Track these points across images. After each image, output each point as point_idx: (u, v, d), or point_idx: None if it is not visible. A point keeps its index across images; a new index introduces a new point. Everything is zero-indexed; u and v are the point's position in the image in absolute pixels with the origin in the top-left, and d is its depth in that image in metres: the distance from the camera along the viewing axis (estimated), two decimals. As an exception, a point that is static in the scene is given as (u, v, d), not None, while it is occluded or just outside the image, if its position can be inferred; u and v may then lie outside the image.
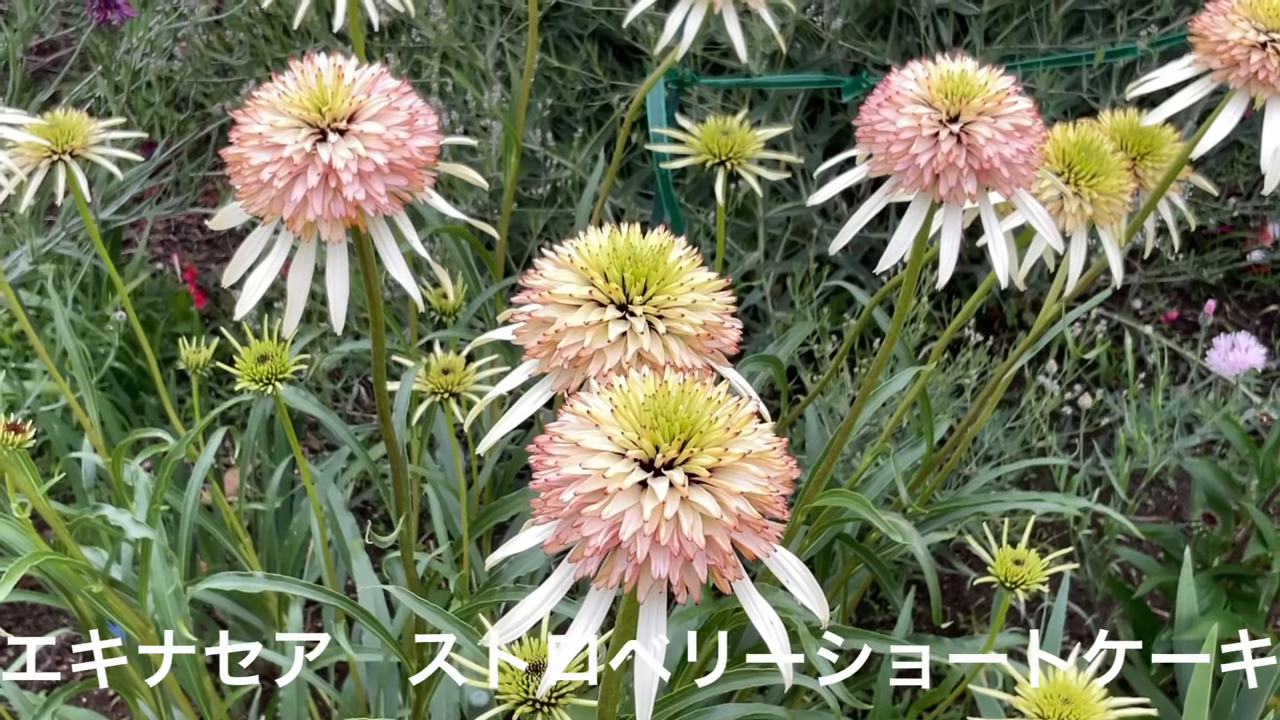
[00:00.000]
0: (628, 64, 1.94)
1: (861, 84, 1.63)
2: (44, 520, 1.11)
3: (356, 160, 0.80)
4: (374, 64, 0.85)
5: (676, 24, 1.19)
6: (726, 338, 0.71)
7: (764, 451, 0.62)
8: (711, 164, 1.23)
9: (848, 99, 1.67)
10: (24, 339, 2.17)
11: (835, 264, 1.98)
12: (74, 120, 1.24)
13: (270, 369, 1.11)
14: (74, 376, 1.72)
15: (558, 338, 0.69)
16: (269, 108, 0.81)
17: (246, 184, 0.81)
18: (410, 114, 0.82)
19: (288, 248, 0.83)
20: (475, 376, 1.20)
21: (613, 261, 0.70)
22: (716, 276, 0.71)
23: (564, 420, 0.64)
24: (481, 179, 0.89)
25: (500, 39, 1.66)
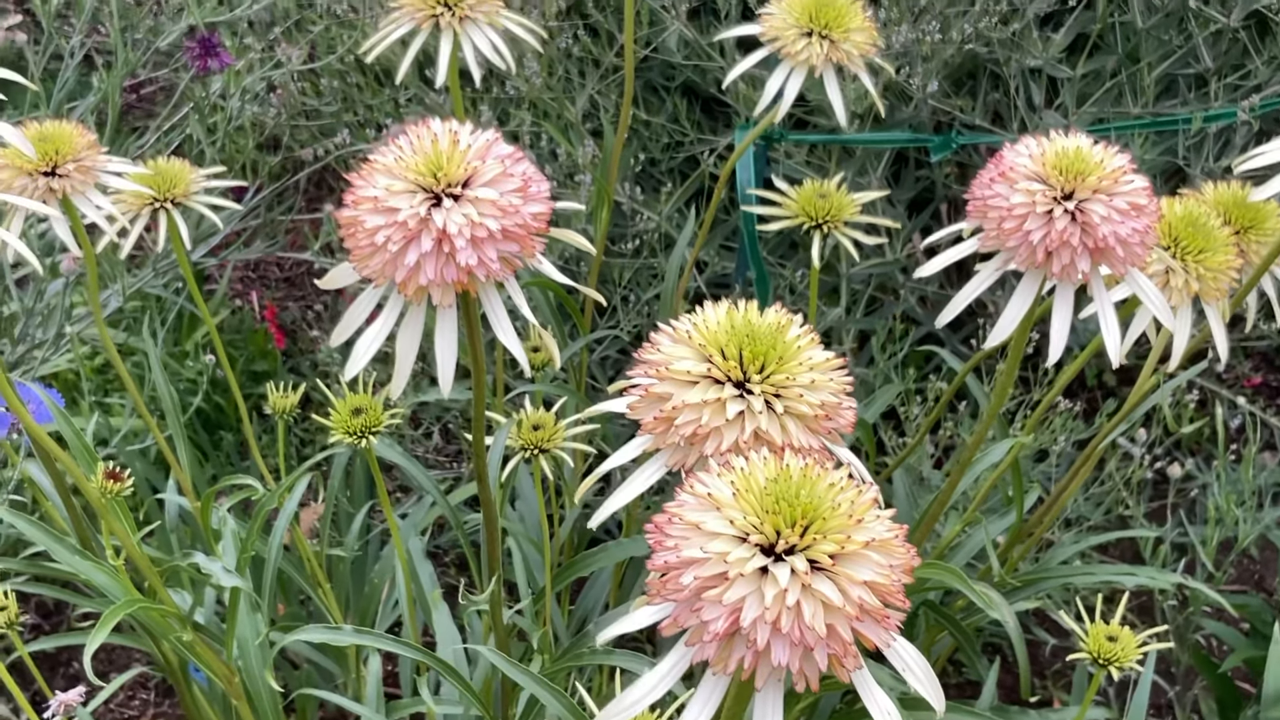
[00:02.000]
0: (713, 116, 1.94)
1: (950, 144, 1.63)
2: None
3: (470, 226, 0.80)
4: (468, 119, 0.85)
5: (777, 86, 1.19)
6: (843, 418, 0.70)
7: (887, 539, 0.62)
8: (808, 227, 1.23)
9: (936, 158, 1.66)
10: (104, 372, 2.20)
11: (915, 319, 1.97)
12: (176, 168, 1.25)
13: (364, 422, 1.12)
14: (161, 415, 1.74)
15: (674, 414, 0.69)
16: (385, 171, 0.82)
17: (360, 247, 0.81)
18: (524, 180, 0.82)
19: (398, 311, 0.83)
20: (566, 434, 1.20)
21: (730, 338, 0.70)
22: (834, 356, 0.71)
23: (683, 501, 0.63)
24: (590, 245, 0.89)
25: (591, 91, 1.66)
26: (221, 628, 1.40)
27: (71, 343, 1.62)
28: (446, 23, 1.20)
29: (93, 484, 1.03)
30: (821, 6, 1.18)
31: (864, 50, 1.18)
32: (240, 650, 1.21)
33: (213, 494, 1.26)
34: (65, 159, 1.11)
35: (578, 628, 1.54)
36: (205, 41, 1.44)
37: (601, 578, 1.52)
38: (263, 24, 1.72)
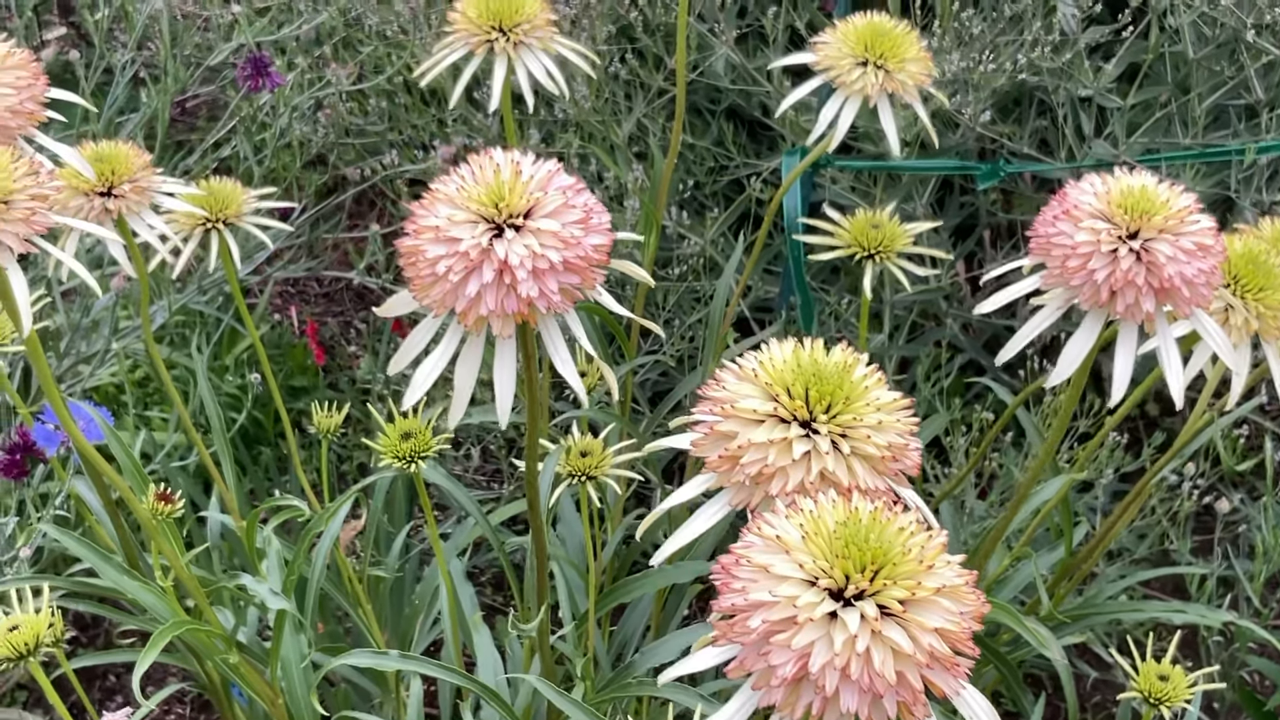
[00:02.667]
0: (757, 139, 1.94)
1: (998, 172, 1.62)
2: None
3: (532, 257, 0.80)
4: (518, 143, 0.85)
5: (831, 115, 1.18)
6: (909, 459, 0.69)
7: (957, 585, 0.61)
8: (860, 257, 1.23)
9: (984, 186, 1.65)
10: (144, 385, 2.20)
11: (958, 347, 1.96)
12: (228, 189, 1.26)
13: (413, 447, 1.12)
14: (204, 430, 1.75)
15: (739, 453, 0.68)
16: (447, 201, 0.82)
17: (421, 276, 0.81)
18: (585, 211, 0.82)
19: (457, 340, 0.83)
20: (613, 460, 1.20)
21: (797, 377, 0.69)
22: (900, 396, 0.70)
23: (750, 543, 0.63)
24: (649, 277, 0.89)
25: (638, 115, 1.66)
26: (262, 645, 1.40)
27: (117, 357, 1.62)
28: (501, 48, 1.20)
29: (144, 505, 1.03)
30: (876, 36, 1.17)
31: (919, 80, 1.18)
32: (284, 672, 1.20)
33: (258, 514, 1.26)
34: (121, 179, 1.11)
35: (618, 653, 1.54)
36: (257, 61, 1.44)
37: (642, 603, 1.51)
38: (310, 43, 1.72)
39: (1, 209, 0.84)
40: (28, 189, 0.85)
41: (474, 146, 1.67)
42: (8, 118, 0.93)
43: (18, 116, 0.93)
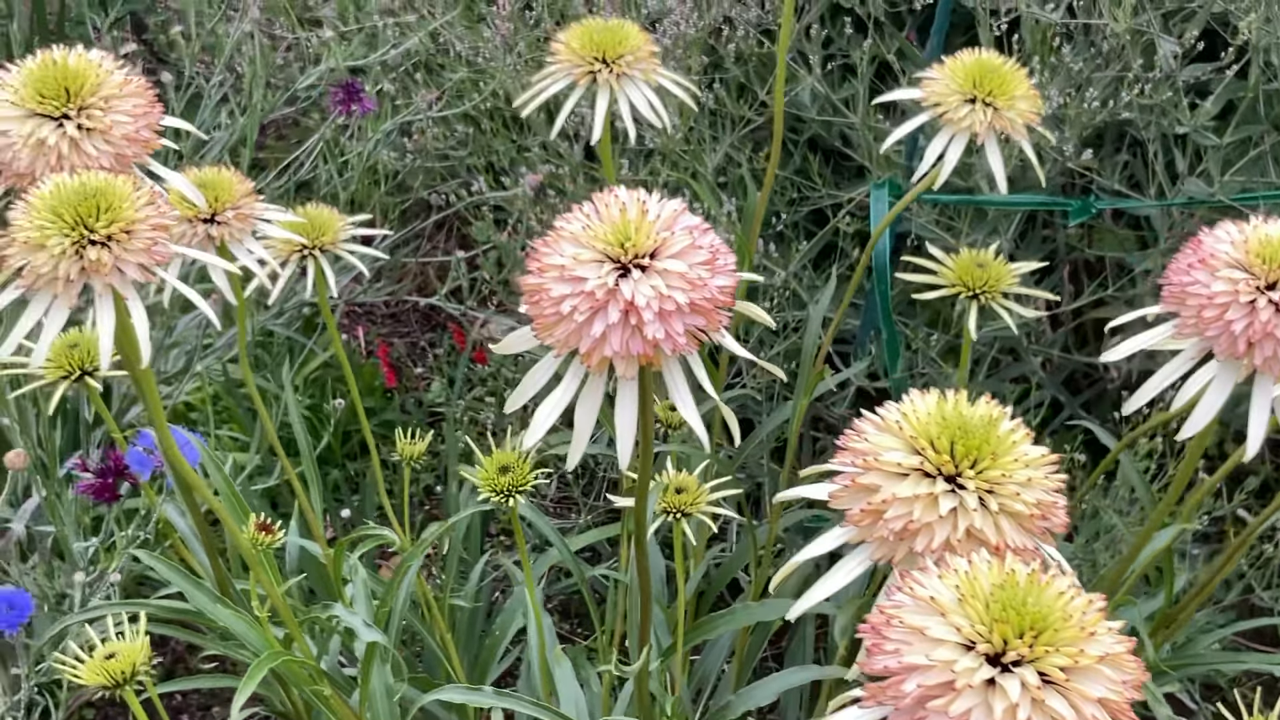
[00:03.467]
0: (836, 169, 1.92)
1: (1089, 209, 1.59)
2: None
3: (659, 299, 0.78)
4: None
5: (937, 151, 1.17)
6: (1057, 517, 0.67)
7: (1119, 654, 0.59)
8: (965, 296, 1.21)
9: (1074, 222, 1.63)
10: (216, 403, 2.20)
11: (1036, 383, 1.93)
12: (325, 216, 1.25)
13: (511, 481, 1.11)
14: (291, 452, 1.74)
15: (883, 508, 0.67)
16: (571, 240, 0.81)
17: (544, 315, 0.80)
18: (711, 252, 0.81)
19: (578, 381, 0.82)
20: (708, 497, 1.18)
21: (942, 430, 0.67)
22: (1047, 452, 0.68)
23: (901, 602, 0.61)
24: (770, 320, 0.87)
25: (726, 147, 1.65)
26: (341, 673, 1.39)
27: (199, 377, 1.63)
28: (604, 80, 1.19)
29: (245, 534, 1.03)
30: (985, 73, 1.16)
31: (1027, 119, 1.16)
32: (371, 703, 1.19)
33: (345, 544, 1.26)
34: (225, 206, 1.11)
35: (697, 688, 1.52)
36: (349, 87, 1.44)
37: (723, 639, 1.50)
38: (396, 68, 1.72)
39: (124, 238, 0.83)
40: (149, 219, 0.84)
41: (560, 174, 1.67)
42: (124, 145, 0.93)
43: (134, 144, 0.93)
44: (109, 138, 0.92)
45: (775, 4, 1.68)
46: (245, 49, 1.65)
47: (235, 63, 1.72)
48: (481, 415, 1.88)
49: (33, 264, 0.83)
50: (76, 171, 0.91)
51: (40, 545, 1.69)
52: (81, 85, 0.92)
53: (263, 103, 1.61)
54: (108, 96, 0.93)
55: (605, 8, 1.58)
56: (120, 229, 0.83)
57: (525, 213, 1.67)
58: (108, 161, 0.92)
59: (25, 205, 0.84)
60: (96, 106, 0.92)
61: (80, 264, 0.83)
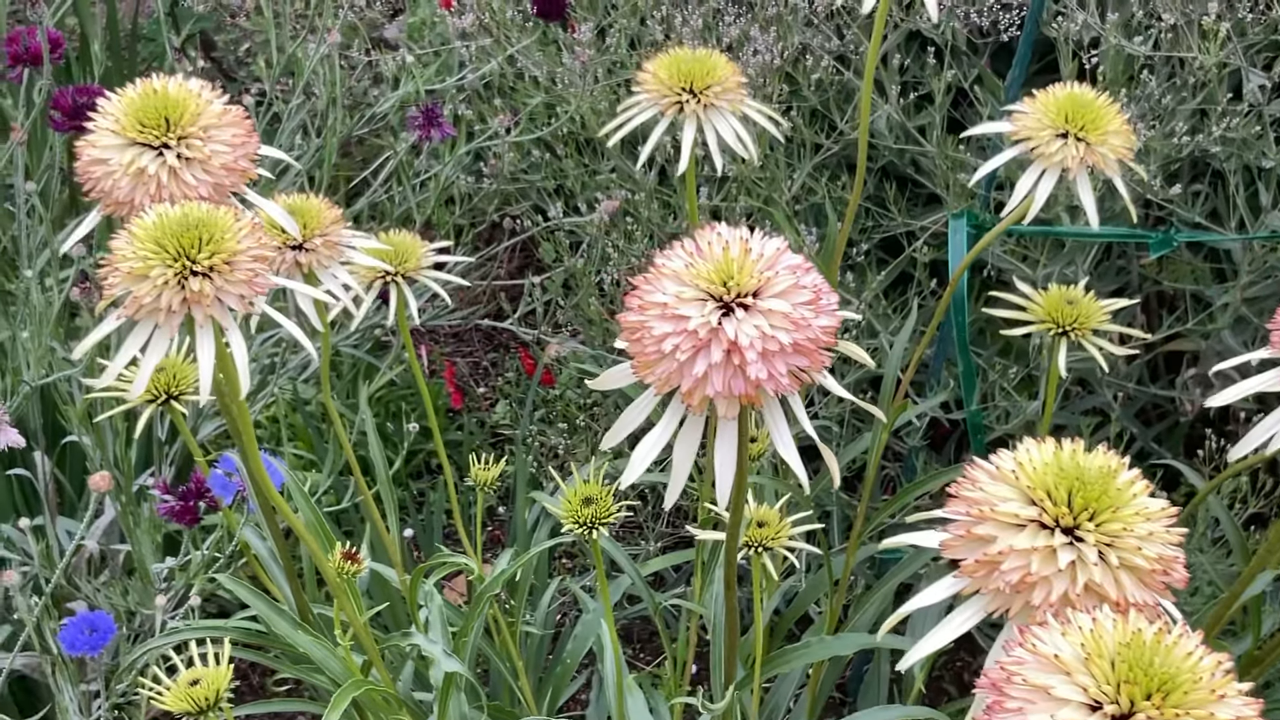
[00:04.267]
0: (909, 196, 1.91)
1: (1170, 242, 1.57)
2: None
3: (762, 338, 0.78)
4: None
5: (1027, 186, 1.15)
6: (1177, 573, 0.66)
7: (1249, 718, 0.58)
8: (1054, 333, 1.19)
9: (1155, 255, 1.61)
10: (277, 422, 2.21)
11: (1107, 414, 1.91)
12: (408, 243, 1.26)
13: (594, 513, 1.10)
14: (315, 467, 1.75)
15: (999, 559, 0.66)
16: (674, 277, 0.80)
17: (645, 353, 0.79)
18: (815, 292, 0.80)
19: (678, 419, 0.81)
20: (790, 532, 1.17)
21: (1059, 481, 0.66)
22: (1167, 505, 0.67)
23: (1022, 658, 0.60)
24: (870, 360, 0.86)
25: (803, 176, 1.65)
26: (414, 700, 1.39)
27: (275, 396, 1.63)
28: (691, 110, 1.19)
29: (331, 563, 1.03)
30: (1077, 107, 1.14)
31: (1120, 154, 1.15)
32: (447, 732, 1.19)
33: (422, 570, 1.25)
34: (313, 233, 1.11)
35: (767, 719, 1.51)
36: (428, 112, 1.45)
37: (794, 673, 1.49)
38: (472, 93, 1.73)
39: (225, 269, 0.84)
40: (250, 250, 0.85)
41: (634, 200, 1.67)
42: (222, 175, 0.93)
43: (232, 173, 0.94)
44: (208, 167, 0.93)
45: (853, 33, 1.67)
46: (322, 72, 1.66)
47: (312, 85, 1.73)
48: (550, 440, 1.87)
49: (136, 293, 0.83)
50: (175, 200, 0.91)
51: (111, 562, 1.70)
52: (181, 114, 0.92)
53: (342, 125, 1.62)
54: (207, 126, 0.93)
55: (684, 35, 1.57)
56: (222, 260, 0.83)
57: (598, 239, 1.67)
58: (206, 190, 0.92)
59: (129, 235, 0.84)
60: (196, 136, 0.92)
61: (182, 294, 0.83)
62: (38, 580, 1.46)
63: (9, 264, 1.72)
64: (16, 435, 1.08)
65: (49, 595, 1.33)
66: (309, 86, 1.69)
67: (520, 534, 1.71)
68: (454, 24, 1.67)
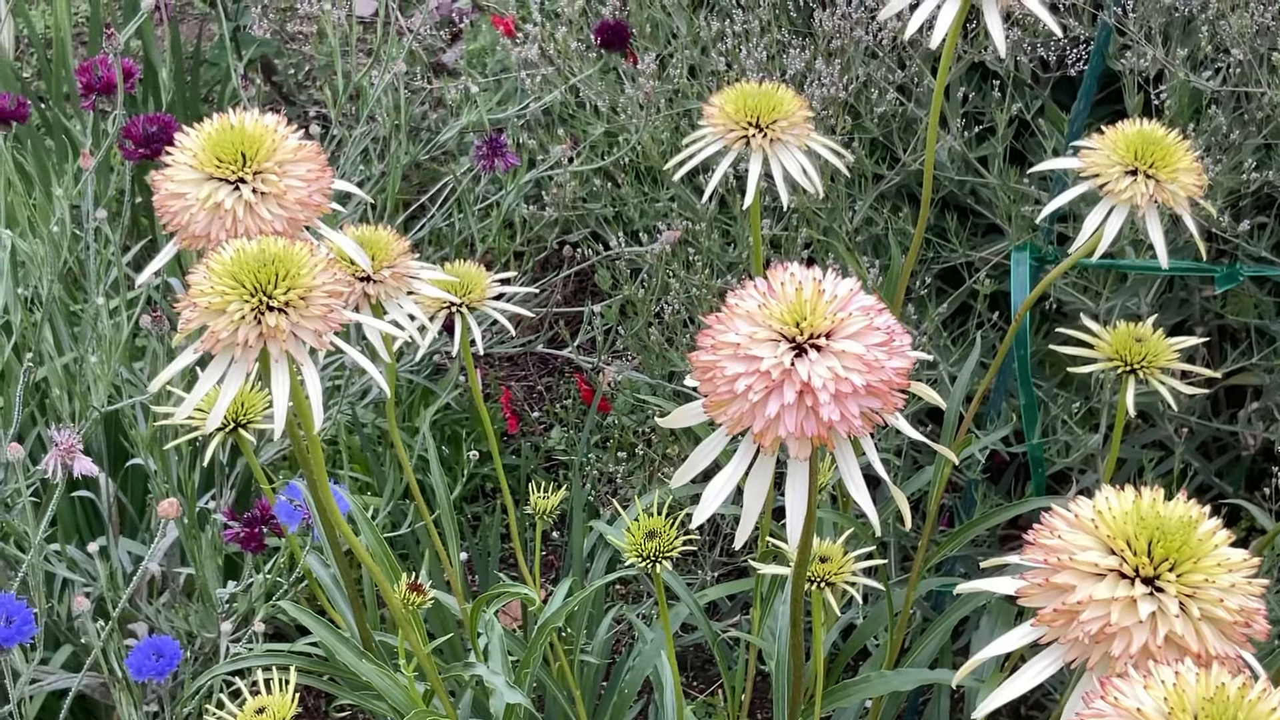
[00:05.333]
0: (968, 226, 1.90)
1: (1236, 276, 1.56)
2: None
3: (835, 380, 0.78)
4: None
5: (1096, 223, 1.15)
6: (1259, 624, 0.65)
7: (1336, 776, 0.57)
8: (1122, 371, 1.18)
9: (1222, 289, 1.59)
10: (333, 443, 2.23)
11: (1169, 448, 1.89)
12: (472, 273, 1.26)
13: (658, 546, 1.10)
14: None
15: (1078, 609, 0.65)
16: (746, 317, 0.80)
17: (718, 393, 0.80)
18: (888, 333, 0.80)
19: (749, 459, 0.81)
20: (853, 567, 1.17)
21: (1139, 530, 0.66)
22: (1249, 555, 0.66)
23: (1101, 711, 0.60)
24: (941, 400, 0.86)
25: (865, 209, 1.64)
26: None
27: (333, 421, 1.64)
28: (757, 144, 1.19)
29: (397, 594, 1.03)
30: (1147, 145, 1.14)
31: (1190, 192, 1.14)
32: (506, 763, 1.19)
33: (484, 601, 1.26)
34: (382, 265, 1.12)
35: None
36: (493, 141, 1.45)
37: (851, 707, 1.48)
38: (534, 121, 1.74)
39: (300, 305, 0.84)
40: (325, 285, 0.85)
41: (694, 230, 1.67)
42: (297, 210, 0.94)
43: (306, 208, 0.95)
44: (283, 202, 0.94)
45: (915, 65, 1.67)
46: (385, 100, 1.68)
47: (374, 112, 1.75)
48: (606, 466, 1.88)
49: (213, 328, 0.84)
50: (251, 235, 0.92)
51: (172, 584, 1.72)
52: (257, 150, 0.93)
53: (406, 154, 1.63)
54: (282, 161, 0.94)
55: (747, 67, 1.58)
56: (298, 295, 0.84)
57: (658, 268, 1.67)
58: (280, 225, 0.93)
59: (206, 270, 0.85)
60: (271, 171, 0.93)
61: (259, 329, 0.84)
62: (102, 602, 1.48)
63: (76, 285, 1.75)
64: (90, 464, 1.10)
65: (115, 619, 1.34)
66: (372, 114, 1.70)
67: (576, 562, 1.71)
68: (517, 54, 1.68)
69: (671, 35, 1.75)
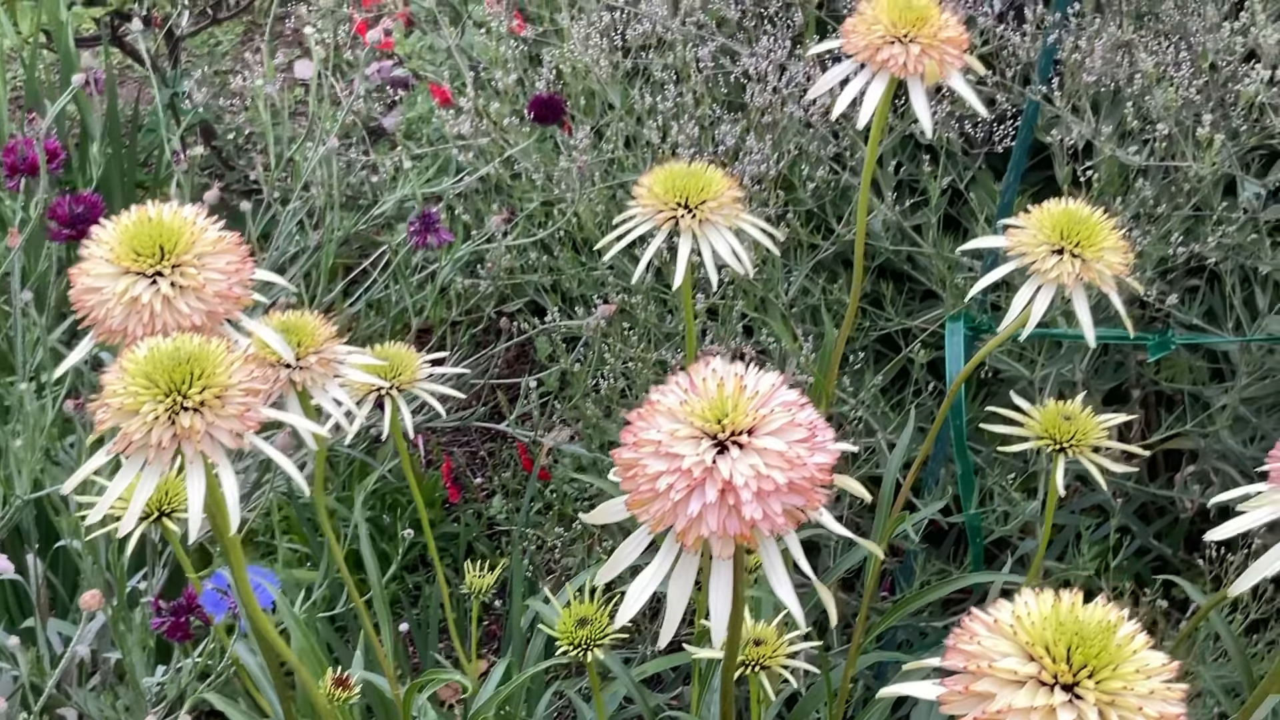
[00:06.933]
0: (904, 291, 1.91)
1: (1169, 344, 1.57)
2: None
3: (757, 478, 0.77)
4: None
5: (1024, 301, 1.15)
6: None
7: None
8: (1051, 450, 1.19)
9: (1155, 358, 1.61)
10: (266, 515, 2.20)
11: (1107, 512, 1.90)
12: (403, 355, 1.25)
13: (589, 634, 1.09)
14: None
15: (999, 718, 0.64)
16: (668, 414, 0.79)
17: (640, 491, 0.79)
18: (810, 429, 0.80)
19: (672, 557, 0.81)
20: (787, 649, 1.16)
21: (1058, 636, 0.65)
22: (1168, 659, 0.66)
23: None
24: (866, 493, 0.86)
25: (801, 278, 1.65)
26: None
27: (269, 500, 1.62)
28: (686, 225, 1.19)
29: (321, 689, 1.01)
30: (1073, 223, 1.14)
31: (1116, 270, 1.14)
32: None
33: (416, 687, 1.24)
34: (307, 351, 1.11)
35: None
36: (426, 218, 1.45)
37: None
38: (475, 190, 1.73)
39: (216, 404, 0.83)
40: (242, 384, 0.84)
41: (630, 302, 1.66)
42: (216, 303, 0.93)
43: (226, 300, 0.93)
44: (202, 295, 0.92)
45: (849, 136, 1.68)
46: (320, 171, 1.67)
47: (310, 183, 1.74)
48: (546, 536, 1.86)
49: (126, 430, 0.82)
50: (169, 329, 0.91)
51: (103, 666, 1.68)
52: (176, 242, 0.92)
53: (340, 227, 1.62)
54: (201, 254, 0.93)
55: (679, 141, 1.58)
56: (213, 395, 0.83)
57: (594, 340, 1.67)
58: (200, 319, 0.92)
59: (119, 369, 0.84)
60: (190, 264, 0.92)
61: (173, 430, 0.82)
62: (25, 691, 1.45)
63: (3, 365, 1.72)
64: (5, 562, 1.07)
65: (41, 708, 1.31)
66: (308, 184, 1.69)
67: (516, 639, 1.69)
68: (450, 127, 1.68)
69: (608, 106, 1.75)
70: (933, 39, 1.17)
